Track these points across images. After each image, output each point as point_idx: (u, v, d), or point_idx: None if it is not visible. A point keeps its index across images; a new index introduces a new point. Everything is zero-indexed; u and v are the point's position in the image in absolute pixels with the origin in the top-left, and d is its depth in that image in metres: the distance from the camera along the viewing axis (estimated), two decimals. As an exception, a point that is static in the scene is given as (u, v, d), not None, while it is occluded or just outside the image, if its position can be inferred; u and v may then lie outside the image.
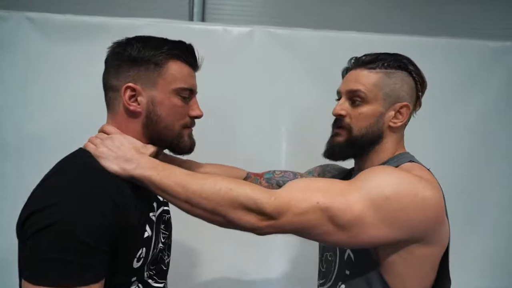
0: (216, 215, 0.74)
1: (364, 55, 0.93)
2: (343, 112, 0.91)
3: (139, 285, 0.81)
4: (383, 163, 0.90)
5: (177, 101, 0.84)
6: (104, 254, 0.69)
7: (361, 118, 0.90)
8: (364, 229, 0.73)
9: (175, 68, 0.84)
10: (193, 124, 0.90)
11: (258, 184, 1.10)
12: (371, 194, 0.73)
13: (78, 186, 0.70)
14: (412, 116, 0.95)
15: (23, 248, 0.68)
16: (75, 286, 0.64)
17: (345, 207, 0.73)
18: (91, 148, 0.79)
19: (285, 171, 1.16)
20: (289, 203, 0.73)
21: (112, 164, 0.76)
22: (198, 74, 0.92)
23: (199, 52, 0.89)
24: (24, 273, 0.66)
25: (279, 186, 1.09)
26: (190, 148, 0.89)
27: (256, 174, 1.15)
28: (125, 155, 0.77)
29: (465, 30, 2.01)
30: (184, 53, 0.85)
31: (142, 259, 0.79)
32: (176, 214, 0.89)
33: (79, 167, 0.76)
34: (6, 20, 1.52)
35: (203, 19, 2.03)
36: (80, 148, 0.83)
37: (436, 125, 1.68)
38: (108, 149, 0.78)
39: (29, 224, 0.67)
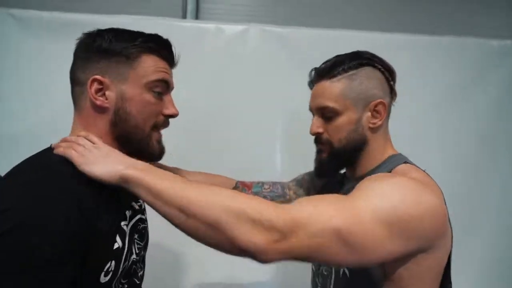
0: (215, 229, 0.62)
1: (323, 63, 0.90)
2: (320, 130, 0.89)
3: None
4: (376, 168, 0.86)
5: (149, 97, 0.77)
6: (67, 267, 0.61)
7: (338, 131, 0.87)
8: (375, 248, 0.67)
9: (149, 62, 0.77)
10: (166, 124, 0.82)
11: None
12: (379, 211, 0.67)
13: (39, 188, 0.63)
14: (392, 106, 0.91)
15: None
16: None
17: (358, 227, 0.65)
18: (72, 153, 0.70)
19: (274, 184, 1.11)
20: (302, 221, 0.64)
21: (97, 167, 0.68)
22: (191, 73, 0.86)
23: (188, 56, 0.83)
24: None
25: None
26: (159, 154, 0.81)
27: (244, 185, 1.09)
28: (116, 158, 0.70)
29: (468, 29, 1.95)
30: (160, 47, 0.78)
31: (110, 273, 0.71)
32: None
33: (43, 168, 0.69)
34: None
35: (196, 17, 1.96)
36: (49, 149, 0.75)
37: (438, 124, 1.64)
38: (95, 155, 0.70)
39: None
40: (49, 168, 0.68)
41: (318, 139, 0.91)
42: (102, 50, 0.74)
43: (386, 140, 0.90)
